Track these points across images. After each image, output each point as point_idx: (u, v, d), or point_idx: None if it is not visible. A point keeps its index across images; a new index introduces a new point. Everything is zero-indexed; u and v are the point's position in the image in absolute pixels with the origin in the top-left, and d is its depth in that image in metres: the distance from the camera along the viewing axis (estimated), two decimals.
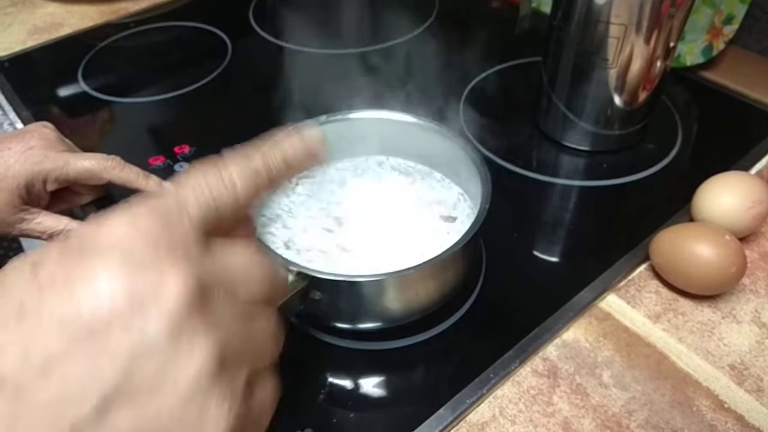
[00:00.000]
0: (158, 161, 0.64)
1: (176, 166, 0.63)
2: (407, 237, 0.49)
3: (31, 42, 0.87)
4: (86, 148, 0.68)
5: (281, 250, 0.48)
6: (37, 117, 0.71)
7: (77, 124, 0.73)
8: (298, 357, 0.47)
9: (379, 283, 0.41)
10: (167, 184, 0.26)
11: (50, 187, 0.52)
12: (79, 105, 0.75)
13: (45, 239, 0.53)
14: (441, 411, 0.42)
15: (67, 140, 0.57)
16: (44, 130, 0.54)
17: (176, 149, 0.65)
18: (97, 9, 0.94)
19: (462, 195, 0.52)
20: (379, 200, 0.53)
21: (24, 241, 0.96)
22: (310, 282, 0.40)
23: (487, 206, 0.44)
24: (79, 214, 0.58)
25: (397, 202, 0.52)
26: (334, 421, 0.42)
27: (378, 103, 0.56)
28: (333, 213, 0.51)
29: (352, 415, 0.43)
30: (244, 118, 0.71)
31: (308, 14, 0.90)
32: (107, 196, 0.58)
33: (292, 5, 0.96)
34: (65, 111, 0.75)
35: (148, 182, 0.55)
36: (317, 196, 0.53)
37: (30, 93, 0.76)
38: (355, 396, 0.44)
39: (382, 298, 0.43)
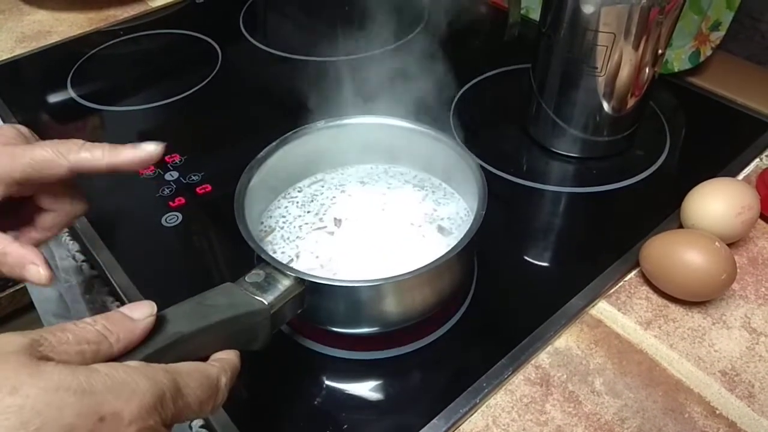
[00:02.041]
0: (148, 170, 0.63)
1: (167, 175, 0.63)
2: (404, 243, 0.49)
3: (19, 50, 0.86)
4: None
5: (278, 255, 0.48)
6: (26, 125, 0.71)
7: (67, 130, 0.73)
8: (291, 367, 0.47)
9: (376, 289, 0.41)
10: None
11: None
12: (68, 113, 0.75)
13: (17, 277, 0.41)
14: (435, 421, 0.42)
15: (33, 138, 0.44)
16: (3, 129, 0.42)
17: (167, 158, 0.65)
18: (85, 17, 0.94)
19: (467, 209, 0.52)
20: (380, 207, 0.53)
21: None
22: (306, 287, 0.40)
23: (483, 212, 0.44)
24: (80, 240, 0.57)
25: (396, 210, 0.52)
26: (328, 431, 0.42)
27: (368, 110, 0.56)
28: (333, 218, 0.52)
29: (345, 426, 0.42)
30: (235, 125, 0.71)
31: (298, 22, 0.90)
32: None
33: (281, 13, 0.96)
34: (54, 119, 0.74)
35: (119, 153, 0.41)
36: (318, 201, 0.53)
37: (18, 101, 0.76)
38: (348, 406, 0.44)
39: (378, 303, 0.43)
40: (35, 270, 0.39)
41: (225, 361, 0.34)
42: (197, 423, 0.43)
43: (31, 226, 0.43)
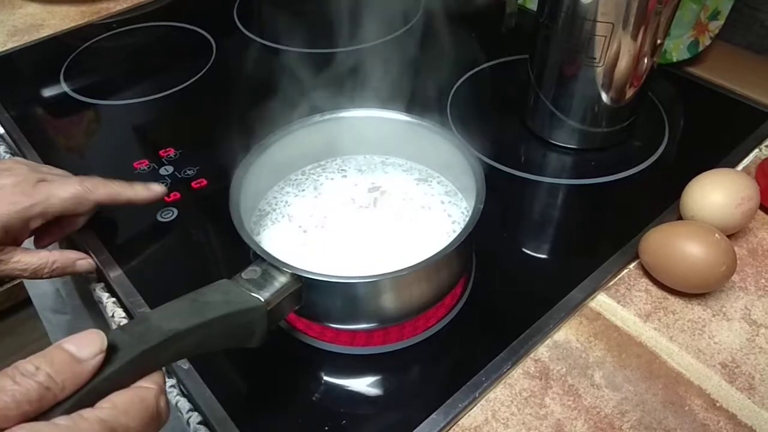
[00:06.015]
0: (143, 165, 0.63)
1: (161, 170, 0.62)
2: (402, 238, 0.49)
3: (11, 44, 0.85)
4: (72, 148, 0.67)
5: (274, 248, 0.47)
6: (18, 120, 0.70)
7: (61, 125, 0.72)
8: (289, 362, 0.46)
9: (374, 285, 0.41)
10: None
11: (34, 224, 0.48)
12: (61, 107, 0.74)
13: (27, 276, 0.50)
14: (434, 416, 0.41)
15: (46, 167, 0.53)
16: (16, 165, 0.51)
17: (161, 152, 0.64)
18: (78, 9, 0.93)
19: (466, 207, 0.52)
20: (375, 195, 0.53)
21: None
22: (303, 284, 0.40)
23: (482, 206, 0.44)
24: (75, 239, 0.57)
25: (392, 198, 0.52)
26: (326, 428, 0.42)
27: (365, 102, 0.56)
28: (327, 212, 0.51)
29: (344, 421, 0.42)
30: (230, 119, 0.70)
31: (293, 13, 0.89)
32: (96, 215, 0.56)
33: (276, 4, 0.95)
34: (48, 114, 0.73)
35: (135, 190, 0.53)
36: (315, 192, 0.53)
37: (11, 95, 0.75)
38: (347, 401, 0.44)
39: (376, 299, 0.42)
40: (84, 263, 0.52)
41: (158, 378, 0.33)
42: (195, 419, 0.43)
43: (52, 232, 0.52)
